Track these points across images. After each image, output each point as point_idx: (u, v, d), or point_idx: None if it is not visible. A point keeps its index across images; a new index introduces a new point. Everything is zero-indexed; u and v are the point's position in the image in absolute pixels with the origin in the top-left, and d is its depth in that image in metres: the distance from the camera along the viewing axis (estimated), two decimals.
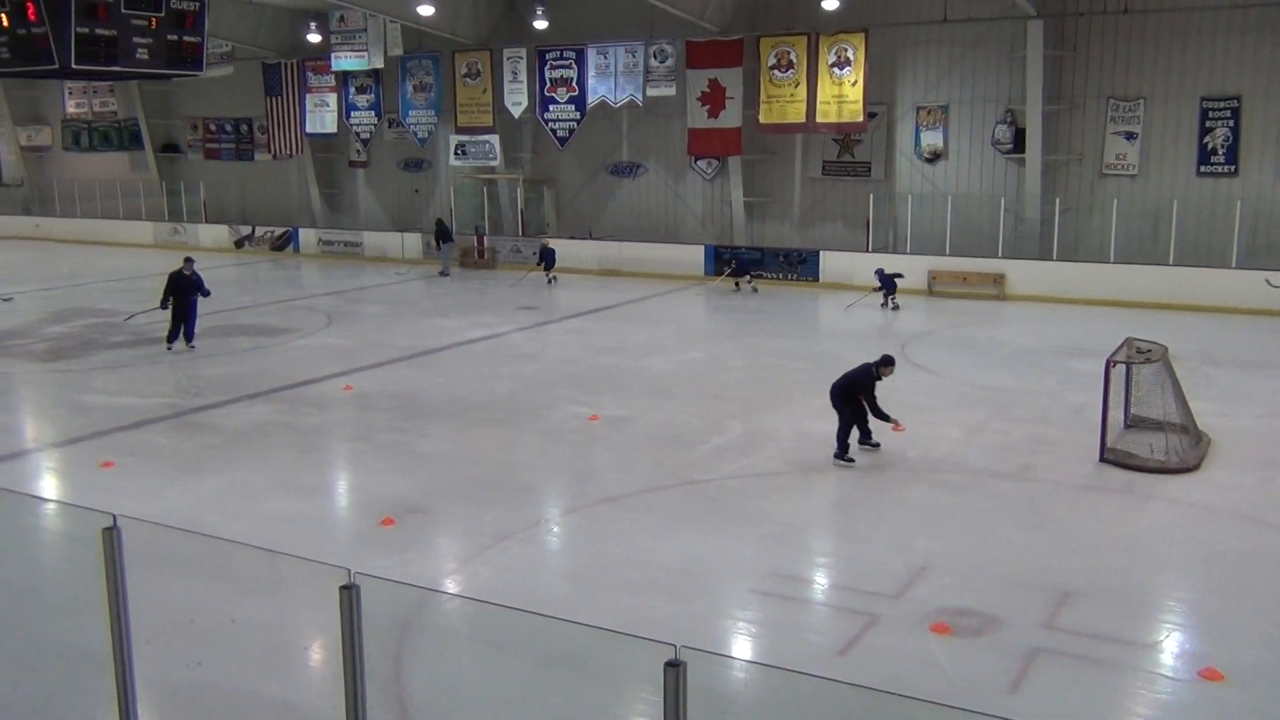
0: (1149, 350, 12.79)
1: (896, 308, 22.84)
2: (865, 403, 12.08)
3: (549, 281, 27.18)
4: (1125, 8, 23.48)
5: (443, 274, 29.45)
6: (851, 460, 11.97)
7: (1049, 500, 10.99)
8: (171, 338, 18.51)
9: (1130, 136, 24.17)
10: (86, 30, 14.91)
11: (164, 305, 18.43)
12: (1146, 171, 24.09)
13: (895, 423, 12.30)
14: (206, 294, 18.79)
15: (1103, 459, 11.87)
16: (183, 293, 18.38)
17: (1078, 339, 19.04)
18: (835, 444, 12.03)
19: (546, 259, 27.45)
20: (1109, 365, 12.07)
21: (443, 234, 29.94)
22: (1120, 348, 12.76)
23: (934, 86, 26.02)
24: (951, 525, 10.28)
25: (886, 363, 12.32)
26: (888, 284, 22.78)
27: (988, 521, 10.41)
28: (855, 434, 12.17)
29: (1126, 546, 9.87)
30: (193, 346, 18.56)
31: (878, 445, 12.39)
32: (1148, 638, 8.08)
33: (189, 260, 19.04)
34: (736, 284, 25.76)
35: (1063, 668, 7.57)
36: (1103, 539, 9.98)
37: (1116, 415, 12.53)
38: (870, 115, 25.86)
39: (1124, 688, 7.41)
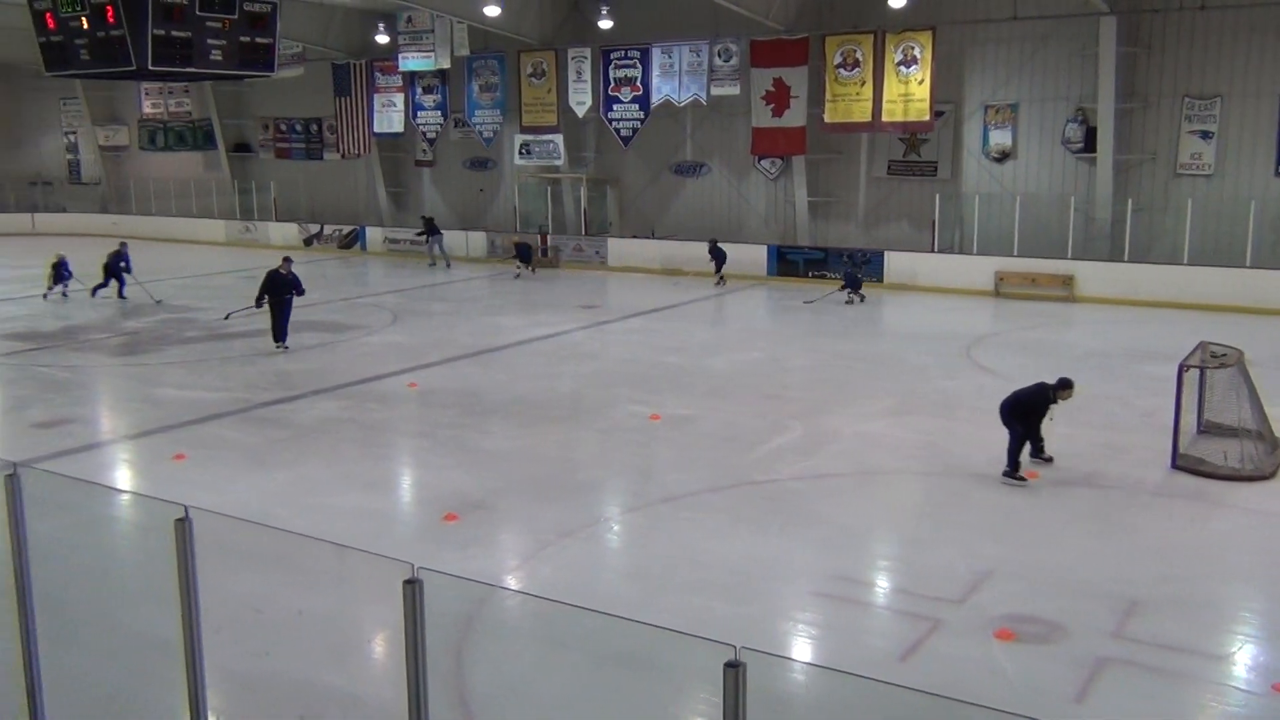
0: (1224, 354, 12.47)
1: (863, 299, 23.68)
2: (1028, 425, 11.46)
3: (718, 283, 26.39)
4: (1202, 4, 22.94)
5: (433, 265, 31.54)
6: (1023, 480, 11.25)
7: (1118, 507, 10.78)
8: (278, 336, 18.44)
9: (1206, 135, 23.59)
10: (163, 32, 15.28)
11: (259, 304, 18.47)
12: (1222, 171, 23.50)
13: (1043, 458, 11.79)
14: (301, 293, 18.77)
15: (1174, 465, 11.61)
16: (279, 291, 18.38)
17: (1149, 342, 18.64)
18: (1005, 460, 11.32)
19: (718, 258, 26.61)
20: (1182, 369, 11.80)
21: (431, 229, 31.87)
22: (1194, 351, 12.47)
23: (1003, 85, 25.63)
24: (1017, 530, 10.13)
25: (1064, 386, 11.41)
26: (851, 281, 23.84)
27: (1054, 527, 10.24)
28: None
29: (1198, 555, 9.65)
30: (285, 346, 18.50)
31: (1050, 459, 11.80)
32: (1219, 649, 7.88)
33: (287, 259, 19.07)
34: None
35: (1130, 678, 7.42)
36: (1173, 547, 9.77)
37: (1189, 421, 12.23)
38: (937, 114, 25.56)
39: (1194, 700, 7.25)
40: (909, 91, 25.39)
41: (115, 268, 24.70)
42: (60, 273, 24.79)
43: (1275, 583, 9.13)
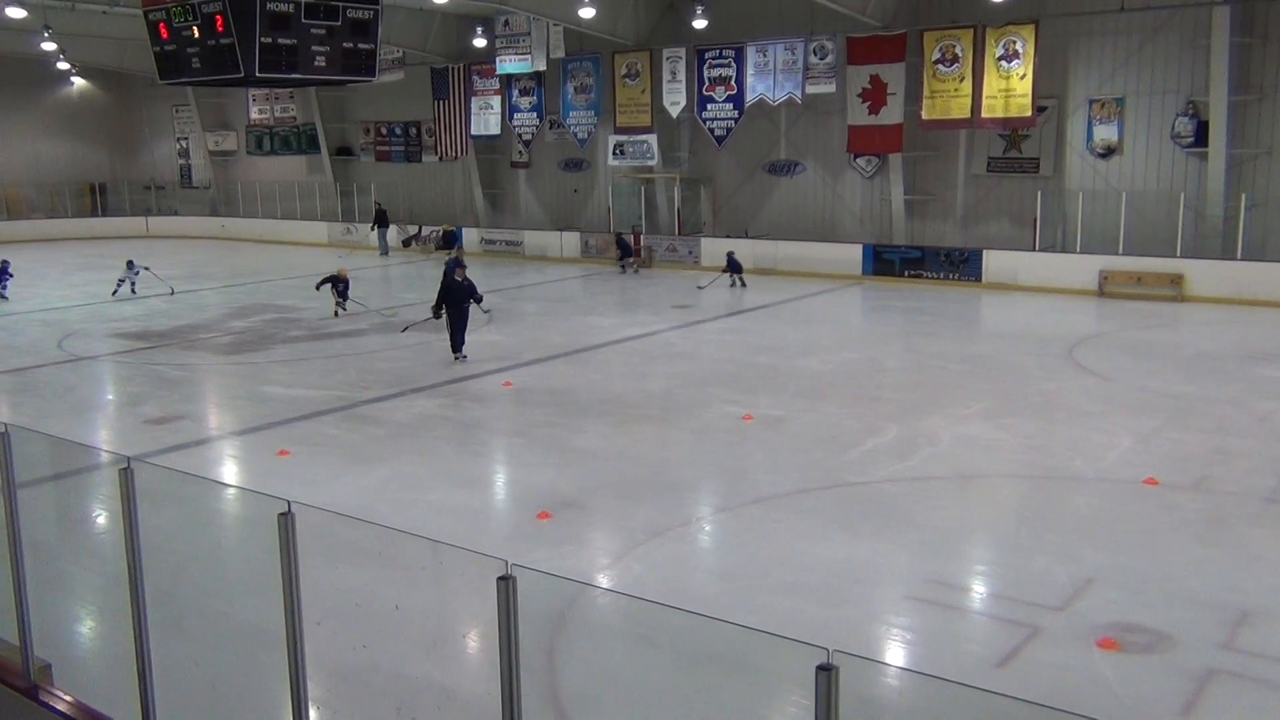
0: None
1: (744, 285, 25.80)
2: None
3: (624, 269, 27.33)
4: None
5: (383, 253, 34.00)
6: None
7: (1228, 513, 10.39)
8: (456, 346, 17.70)
9: None
10: (270, 40, 15.73)
11: (436, 314, 17.81)
12: None
13: None
14: (479, 300, 17.96)
15: None
16: (456, 299, 17.57)
17: (1264, 343, 17.94)
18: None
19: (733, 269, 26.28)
20: None
21: (381, 220, 35.47)
22: None
23: (1109, 78, 24.90)
24: (1121, 537, 9.83)
25: None
26: (734, 266, 26.08)
27: (1161, 534, 9.91)
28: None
29: None
30: (464, 356, 17.67)
31: None
32: None
33: (462, 265, 18.41)
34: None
35: (1241, 691, 7.14)
36: None
37: None
38: (1039, 109, 24.94)
39: None
40: (1010, 86, 24.83)
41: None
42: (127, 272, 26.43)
43: None
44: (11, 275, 26.49)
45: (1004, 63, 24.80)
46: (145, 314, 23.72)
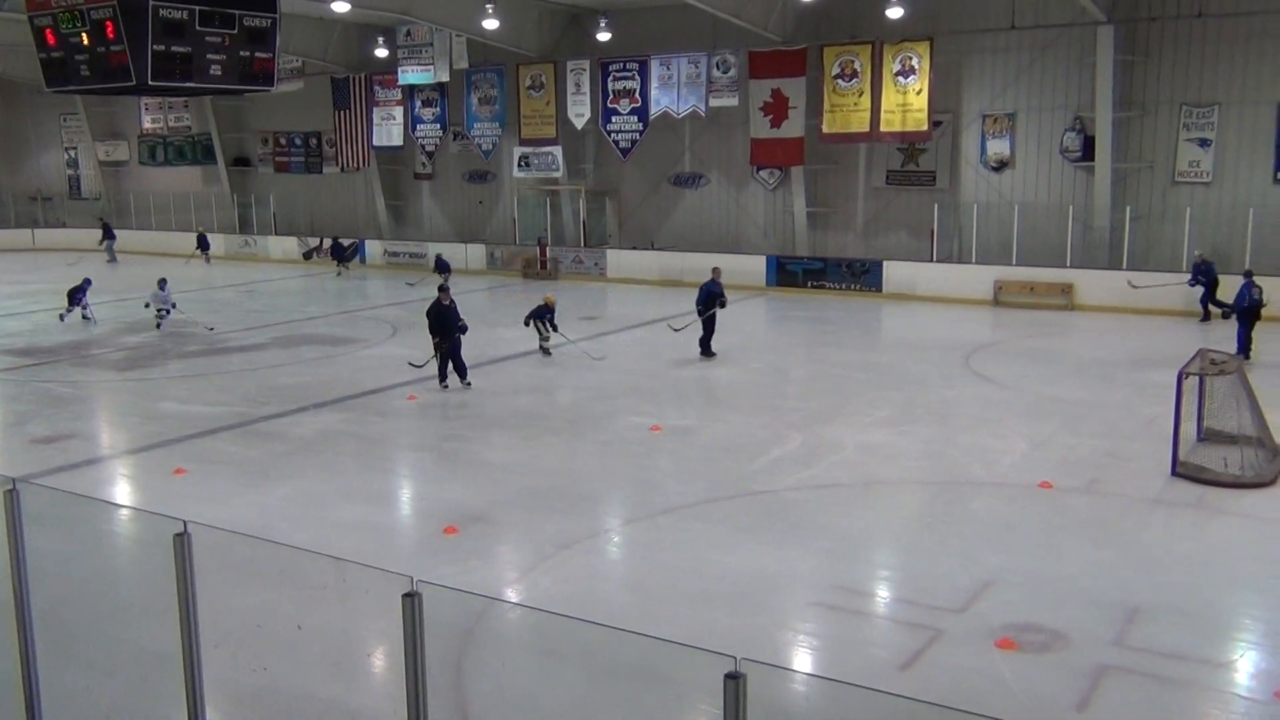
0: (1223, 362, 12.48)
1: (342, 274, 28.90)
2: None
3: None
4: (1199, 12, 23.00)
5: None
6: None
7: (1119, 515, 10.77)
8: (462, 374, 16.54)
9: (1204, 143, 23.63)
10: (163, 48, 15.30)
11: (437, 348, 16.56)
12: (1221, 179, 23.54)
13: None
14: (464, 330, 16.66)
15: (1175, 473, 11.60)
16: (449, 327, 16.46)
17: (1150, 350, 18.65)
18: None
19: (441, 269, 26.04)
20: (1181, 377, 11.80)
21: (107, 232, 37.14)
22: (1193, 359, 12.47)
23: (1001, 94, 25.69)
24: (1018, 539, 10.11)
25: None
26: (338, 252, 31.99)
27: (1055, 536, 10.22)
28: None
29: (1198, 562, 9.63)
30: (469, 384, 16.54)
31: None
32: (1221, 656, 7.87)
33: (445, 289, 17.17)
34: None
35: (1132, 686, 7.40)
36: (1174, 555, 9.75)
37: (1189, 428, 12.23)
38: (935, 124, 25.61)
39: (1197, 708, 7.23)
40: (907, 101, 25.45)
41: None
42: (77, 296, 23.78)
43: (1276, 589, 9.11)
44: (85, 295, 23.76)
45: (901, 78, 25.41)
46: (31, 329, 22.87)
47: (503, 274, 31.79)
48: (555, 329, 19.14)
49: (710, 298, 18.34)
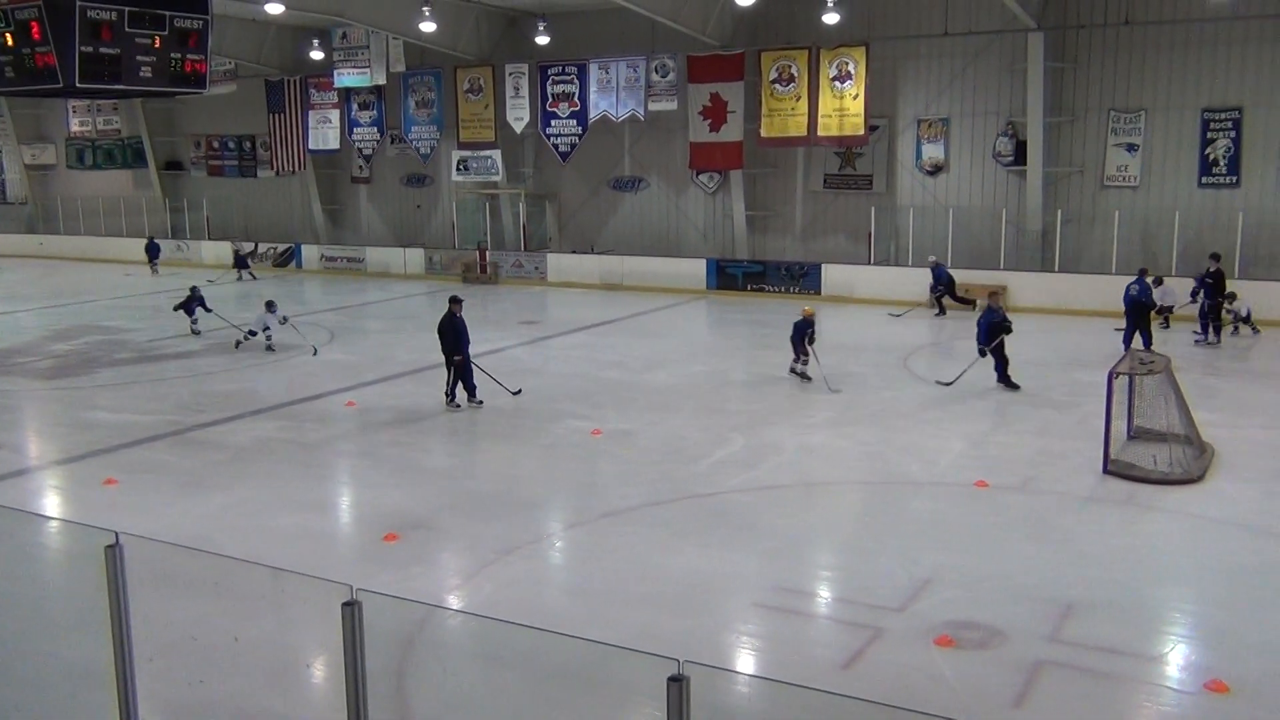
0: (1152, 361, 12.78)
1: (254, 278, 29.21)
2: None
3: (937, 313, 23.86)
4: (1126, 20, 23.55)
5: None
6: None
7: (1053, 512, 10.97)
8: (453, 394, 15.52)
9: (1131, 148, 24.20)
10: (91, 49, 14.97)
11: (449, 361, 15.43)
12: (1148, 183, 24.12)
13: None
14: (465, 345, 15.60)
15: (1106, 471, 11.85)
16: (462, 341, 15.56)
17: (1081, 350, 19.03)
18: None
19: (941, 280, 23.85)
20: (1112, 376, 12.06)
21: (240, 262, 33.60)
22: (1123, 359, 12.76)
23: (935, 99, 26.08)
24: (956, 538, 10.25)
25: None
26: (241, 263, 31.87)
27: (992, 534, 10.39)
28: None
29: (1130, 558, 9.85)
30: (479, 402, 15.54)
31: None
32: (1152, 650, 8.05)
33: (459, 301, 15.87)
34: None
35: (1067, 680, 7.54)
36: (1106, 551, 9.96)
37: (1120, 427, 12.51)
38: (871, 128, 25.93)
39: (1129, 700, 7.38)
40: (843, 106, 25.73)
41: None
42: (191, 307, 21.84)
43: (1205, 584, 9.35)
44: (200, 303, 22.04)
45: (837, 83, 25.69)
46: None
47: (442, 278, 31.56)
48: (810, 350, 17.00)
49: (994, 329, 16.24)
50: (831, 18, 24.76)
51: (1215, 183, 23.44)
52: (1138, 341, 18.03)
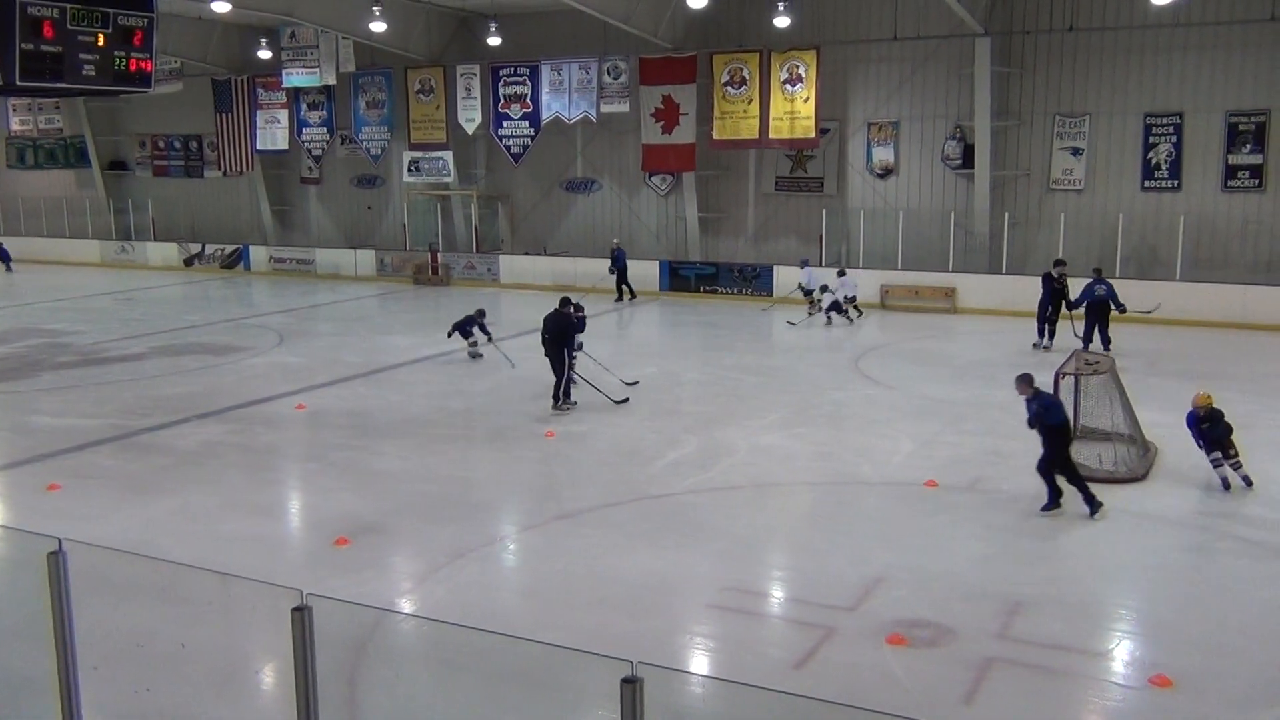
0: (1096, 362, 12.99)
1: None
2: None
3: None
4: (1071, 25, 23.93)
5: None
6: None
7: (1000, 511, 11.11)
8: (567, 392, 15.29)
9: (1076, 152, 24.61)
10: (31, 47, 14.60)
11: (559, 359, 15.24)
12: (1093, 186, 24.54)
13: None
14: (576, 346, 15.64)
15: None
16: (570, 337, 15.44)
17: (1028, 351, 19.29)
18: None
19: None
20: (1058, 377, 12.24)
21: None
22: (1069, 359, 12.95)
23: (885, 103, 26.33)
24: (906, 537, 10.36)
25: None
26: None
27: (941, 533, 10.50)
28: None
29: (1076, 556, 10.01)
30: (572, 403, 15.35)
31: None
32: (1098, 646, 8.18)
33: (572, 302, 15.94)
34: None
35: (1016, 677, 7.64)
36: (1053, 549, 10.11)
37: None
38: (822, 131, 26.12)
39: (1075, 696, 7.50)
40: (795, 109, 25.90)
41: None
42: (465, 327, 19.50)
43: (1149, 581, 9.52)
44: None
45: (789, 86, 25.85)
46: None
47: (393, 280, 31.33)
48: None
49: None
50: (782, 21, 24.87)
51: (1157, 186, 23.90)
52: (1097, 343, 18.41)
